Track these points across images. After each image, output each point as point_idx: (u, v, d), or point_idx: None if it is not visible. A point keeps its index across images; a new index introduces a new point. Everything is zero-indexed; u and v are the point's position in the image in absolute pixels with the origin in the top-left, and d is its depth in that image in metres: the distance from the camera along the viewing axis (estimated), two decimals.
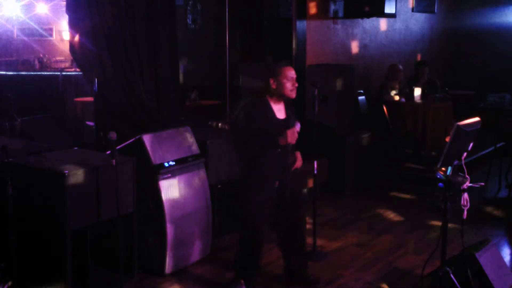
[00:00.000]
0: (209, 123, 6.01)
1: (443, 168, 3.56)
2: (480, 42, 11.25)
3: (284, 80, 3.93)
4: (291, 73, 3.97)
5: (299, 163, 4.12)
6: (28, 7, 9.51)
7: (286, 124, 3.96)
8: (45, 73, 9.38)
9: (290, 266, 4.32)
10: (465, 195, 3.58)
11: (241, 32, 8.58)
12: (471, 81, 10.75)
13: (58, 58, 9.94)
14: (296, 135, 3.89)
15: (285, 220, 4.16)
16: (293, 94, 3.99)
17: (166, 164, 4.42)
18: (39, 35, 9.82)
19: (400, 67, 8.52)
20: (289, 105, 4.12)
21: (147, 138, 4.39)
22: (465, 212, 3.60)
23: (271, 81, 3.96)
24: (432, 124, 7.85)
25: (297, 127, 3.92)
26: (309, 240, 4.74)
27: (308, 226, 4.64)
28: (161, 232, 4.42)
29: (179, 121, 5.23)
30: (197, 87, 8.66)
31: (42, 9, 9.63)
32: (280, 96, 3.99)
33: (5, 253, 3.95)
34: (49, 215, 3.85)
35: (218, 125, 5.86)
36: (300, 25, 7.62)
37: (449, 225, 3.65)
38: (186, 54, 8.41)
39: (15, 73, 8.99)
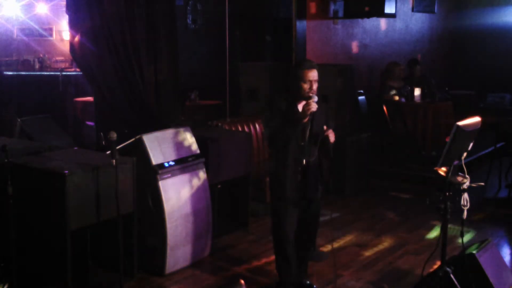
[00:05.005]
0: (209, 123, 6.02)
1: (443, 168, 3.56)
2: (480, 42, 11.25)
3: (301, 83, 3.91)
4: (310, 75, 3.92)
5: (331, 135, 3.95)
6: (28, 7, 9.51)
7: (311, 119, 3.89)
8: (45, 73, 9.38)
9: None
10: (465, 195, 3.58)
11: (241, 32, 8.58)
12: (471, 81, 10.76)
13: (58, 58, 9.94)
14: (314, 104, 3.80)
15: (300, 217, 4.12)
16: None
17: (166, 164, 4.42)
18: (39, 35, 9.82)
19: (401, 66, 8.52)
20: (318, 101, 4.01)
21: (147, 138, 4.39)
22: (465, 212, 3.60)
23: (290, 82, 3.97)
24: (432, 124, 7.86)
25: (315, 98, 3.84)
26: None
27: None
28: (161, 232, 4.42)
29: (179, 121, 5.23)
30: (197, 87, 8.66)
31: (42, 9, 9.63)
32: (298, 97, 3.96)
33: (5, 253, 3.95)
34: (49, 215, 3.85)
35: (218, 125, 5.86)
36: (300, 25, 7.62)
37: (449, 225, 3.65)
38: (186, 54, 8.41)
39: (15, 73, 8.99)
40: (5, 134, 5.07)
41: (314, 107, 3.83)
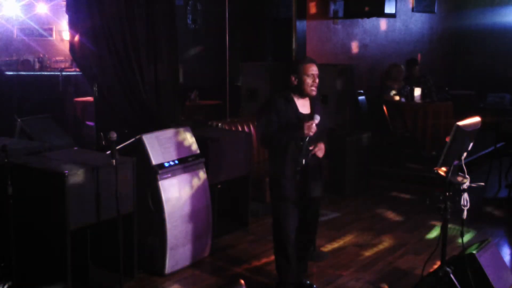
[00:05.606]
0: (209, 123, 6.02)
1: (443, 168, 3.56)
2: (480, 42, 11.26)
3: (305, 77, 3.94)
4: (312, 69, 3.96)
5: (319, 152, 3.99)
6: (28, 7, 9.51)
7: (311, 119, 3.93)
8: (45, 73, 9.38)
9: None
10: (465, 195, 3.58)
11: (241, 32, 8.58)
12: (471, 81, 10.76)
13: (58, 58, 9.94)
14: (314, 127, 3.84)
15: (300, 217, 4.12)
16: (313, 92, 3.98)
17: (166, 164, 4.42)
18: (39, 35, 9.82)
19: (402, 67, 8.53)
20: (316, 100, 4.09)
21: (147, 138, 4.39)
22: (465, 212, 3.60)
23: (292, 78, 3.99)
24: (432, 124, 7.87)
25: (316, 119, 3.88)
26: None
27: None
28: (161, 232, 4.42)
29: (179, 121, 5.23)
30: (197, 87, 8.67)
31: (42, 9, 9.63)
32: (301, 93, 3.99)
33: (5, 253, 3.95)
34: (49, 215, 3.85)
35: (218, 125, 5.87)
36: (300, 25, 7.63)
37: (449, 225, 3.65)
38: (186, 54, 8.42)
39: (15, 73, 8.98)
40: (5, 134, 5.07)
41: (313, 130, 3.84)
